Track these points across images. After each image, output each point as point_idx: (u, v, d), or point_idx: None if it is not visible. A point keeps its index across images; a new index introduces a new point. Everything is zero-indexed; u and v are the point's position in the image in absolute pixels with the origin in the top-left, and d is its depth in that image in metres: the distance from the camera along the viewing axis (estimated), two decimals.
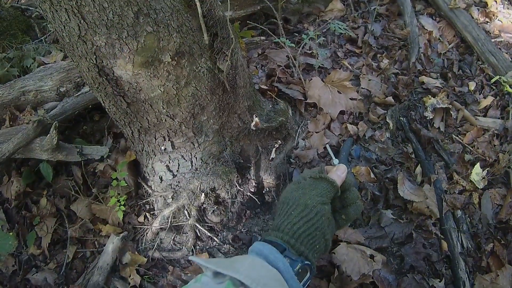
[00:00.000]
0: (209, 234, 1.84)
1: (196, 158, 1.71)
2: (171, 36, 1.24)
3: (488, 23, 3.01)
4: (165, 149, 1.64)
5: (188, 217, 1.81)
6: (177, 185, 1.79)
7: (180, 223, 1.85)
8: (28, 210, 2.09)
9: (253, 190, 1.94)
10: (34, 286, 1.90)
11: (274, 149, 1.98)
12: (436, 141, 2.27)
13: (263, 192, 2.01)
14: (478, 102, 2.50)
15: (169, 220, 1.82)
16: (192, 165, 1.73)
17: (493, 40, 2.83)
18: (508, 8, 3.08)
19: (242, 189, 1.88)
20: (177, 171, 1.74)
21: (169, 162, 1.72)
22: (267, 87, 2.25)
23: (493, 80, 2.60)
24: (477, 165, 2.16)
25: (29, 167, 2.14)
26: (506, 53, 2.79)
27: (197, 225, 1.80)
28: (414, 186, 2.04)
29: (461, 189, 2.11)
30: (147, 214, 1.96)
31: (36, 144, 1.91)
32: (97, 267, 1.81)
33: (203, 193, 1.75)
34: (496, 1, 3.05)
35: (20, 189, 2.09)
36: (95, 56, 1.22)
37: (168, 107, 1.44)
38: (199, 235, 1.87)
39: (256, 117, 1.76)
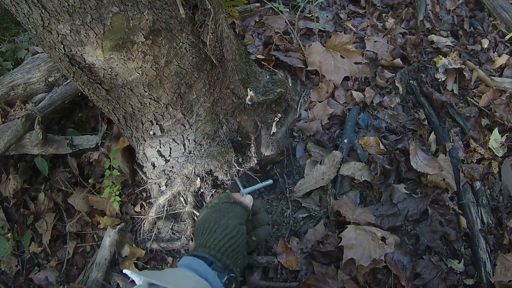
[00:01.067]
0: None
1: (189, 140, 1.61)
2: (142, 14, 1.13)
3: None
4: (154, 133, 1.55)
5: (185, 204, 1.72)
6: (170, 170, 1.69)
7: (177, 211, 1.76)
8: (27, 207, 2.04)
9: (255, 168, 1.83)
10: (37, 286, 1.86)
11: (274, 123, 1.86)
12: (450, 105, 2.11)
13: (267, 169, 1.90)
14: (493, 61, 2.33)
15: (165, 209, 1.74)
16: (185, 148, 1.63)
17: None
18: None
19: (242, 169, 1.77)
20: (170, 155, 1.65)
21: (160, 147, 1.62)
22: (264, 57, 2.11)
23: (507, 37, 2.43)
24: (495, 130, 2.01)
25: (26, 162, 2.10)
26: None
27: (195, 211, 1.71)
28: (428, 157, 1.89)
29: (479, 158, 1.95)
30: (143, 203, 1.87)
31: (26, 140, 1.86)
32: (95, 263, 1.74)
33: (198, 178, 1.65)
34: None
35: (18, 186, 2.05)
36: (62, 45, 1.14)
37: (150, 89, 1.34)
38: None
39: (250, 90, 1.64)
